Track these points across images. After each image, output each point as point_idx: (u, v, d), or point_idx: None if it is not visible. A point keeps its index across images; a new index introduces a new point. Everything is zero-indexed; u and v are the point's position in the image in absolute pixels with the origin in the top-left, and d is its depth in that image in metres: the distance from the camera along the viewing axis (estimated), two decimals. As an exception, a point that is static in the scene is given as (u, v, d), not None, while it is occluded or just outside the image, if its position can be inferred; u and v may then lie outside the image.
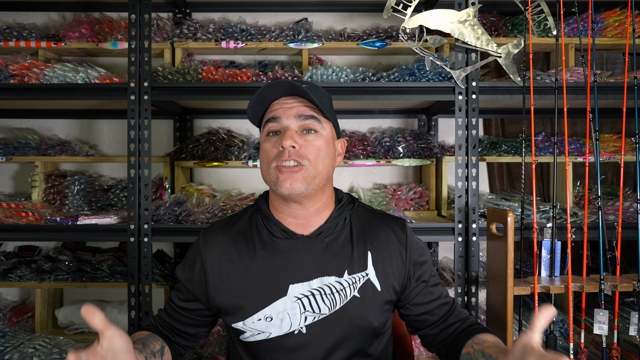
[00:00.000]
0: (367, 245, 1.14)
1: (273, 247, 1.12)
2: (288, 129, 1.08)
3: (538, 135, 2.36)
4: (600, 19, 2.21)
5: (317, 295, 1.08)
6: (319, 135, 1.10)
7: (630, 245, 2.07)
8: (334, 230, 1.14)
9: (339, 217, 1.15)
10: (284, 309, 1.07)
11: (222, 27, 2.27)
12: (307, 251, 1.11)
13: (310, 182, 1.08)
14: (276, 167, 1.07)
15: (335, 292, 1.09)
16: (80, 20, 2.27)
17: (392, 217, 1.21)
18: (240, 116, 2.50)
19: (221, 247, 1.14)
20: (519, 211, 2.00)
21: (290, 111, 1.10)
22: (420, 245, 1.20)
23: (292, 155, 1.06)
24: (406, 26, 1.85)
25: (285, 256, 1.11)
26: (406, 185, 2.38)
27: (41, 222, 1.98)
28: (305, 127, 1.10)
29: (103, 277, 2.17)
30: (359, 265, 1.12)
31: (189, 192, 2.22)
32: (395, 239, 1.16)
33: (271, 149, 1.09)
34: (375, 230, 1.16)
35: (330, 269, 1.10)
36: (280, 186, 1.06)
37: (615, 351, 1.65)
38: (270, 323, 1.06)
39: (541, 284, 1.69)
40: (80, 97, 1.94)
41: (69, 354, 0.82)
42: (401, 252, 1.15)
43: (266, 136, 1.12)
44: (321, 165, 1.10)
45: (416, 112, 2.50)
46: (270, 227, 1.14)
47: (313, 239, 1.12)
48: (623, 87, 1.83)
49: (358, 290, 1.10)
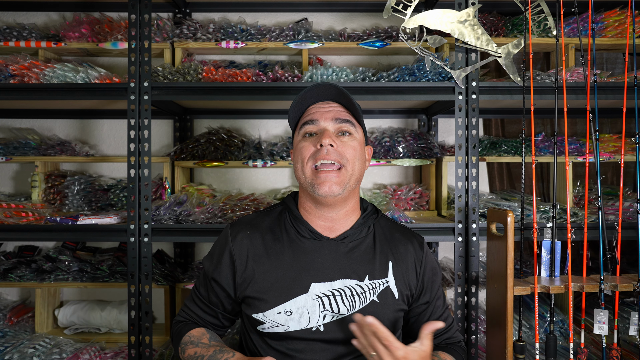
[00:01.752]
0: (389, 255, 1.20)
1: (299, 246, 1.17)
2: (326, 129, 1.14)
3: (538, 135, 2.36)
4: (600, 19, 2.20)
5: (337, 296, 1.13)
6: (353, 137, 1.17)
7: (630, 245, 2.07)
8: (358, 236, 1.20)
9: (364, 225, 1.21)
10: (304, 305, 1.12)
11: (222, 27, 2.27)
12: (331, 253, 1.16)
13: (346, 183, 1.14)
14: (313, 169, 1.13)
15: (355, 294, 1.13)
16: (80, 20, 2.27)
17: (412, 233, 1.28)
18: (240, 116, 2.50)
19: (250, 241, 1.19)
20: (519, 211, 2.00)
21: (328, 114, 1.16)
22: (434, 266, 1.26)
23: (330, 154, 1.12)
24: (406, 26, 1.85)
25: (310, 256, 1.15)
26: (406, 185, 2.38)
27: (41, 222, 1.97)
28: (341, 129, 1.17)
29: (103, 277, 2.17)
30: (380, 272, 1.17)
31: (189, 192, 2.22)
32: (413, 254, 1.23)
33: (308, 147, 1.15)
34: (397, 242, 1.22)
35: (352, 272, 1.15)
36: (317, 188, 1.12)
37: (615, 351, 1.64)
38: (289, 317, 1.11)
39: (541, 284, 1.69)
40: (80, 97, 1.94)
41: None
42: (417, 268, 1.22)
43: (302, 137, 1.18)
44: (357, 165, 1.16)
45: (416, 112, 2.50)
46: (298, 227, 1.19)
47: (338, 242, 1.17)
48: (623, 87, 1.83)
49: (377, 296, 1.15)
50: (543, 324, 2.08)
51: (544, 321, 2.08)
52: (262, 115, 2.50)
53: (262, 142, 2.34)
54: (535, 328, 1.70)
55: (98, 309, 2.29)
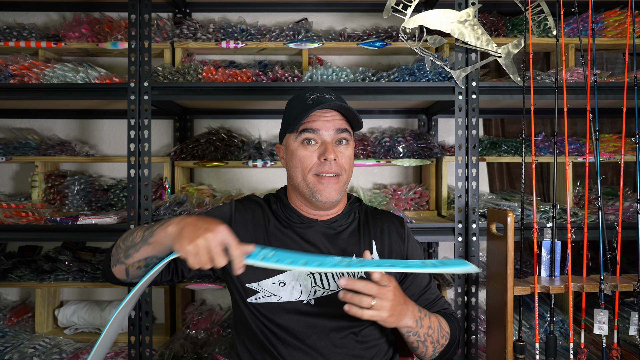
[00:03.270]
0: (372, 236, 1.27)
1: (292, 229, 1.24)
2: (328, 142, 1.19)
3: (538, 135, 2.36)
4: (600, 19, 2.21)
5: (328, 273, 1.19)
6: (349, 144, 1.23)
7: (630, 245, 2.07)
8: (345, 222, 1.27)
9: (350, 212, 1.29)
10: (297, 279, 1.17)
11: (222, 27, 2.27)
12: (321, 234, 1.23)
13: (343, 189, 1.22)
14: (315, 176, 1.19)
15: (345, 272, 1.18)
16: (80, 20, 2.27)
17: (392, 215, 1.36)
18: (240, 116, 2.50)
19: (252, 213, 1.25)
20: (519, 211, 2.00)
21: (329, 124, 1.19)
22: (415, 243, 1.33)
23: (332, 167, 1.18)
24: (406, 26, 1.85)
25: (302, 236, 1.23)
26: (406, 185, 2.38)
27: (41, 222, 1.97)
28: (340, 138, 1.21)
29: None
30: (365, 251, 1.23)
31: (189, 192, 2.22)
32: (395, 232, 1.30)
33: (310, 157, 1.19)
34: (378, 222, 1.30)
35: (340, 251, 1.22)
36: (318, 194, 1.18)
37: (615, 351, 1.64)
38: (282, 288, 1.17)
39: (541, 284, 1.69)
40: (80, 97, 1.94)
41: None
42: (400, 244, 1.29)
43: (301, 143, 1.20)
44: (350, 172, 1.24)
45: (416, 112, 2.50)
46: (287, 214, 1.25)
47: (328, 224, 1.25)
48: (623, 87, 1.83)
49: (365, 273, 1.19)
50: (543, 324, 2.08)
51: (544, 321, 2.08)
52: (262, 115, 2.50)
53: (262, 142, 2.34)
54: (535, 328, 1.70)
55: (98, 309, 2.29)
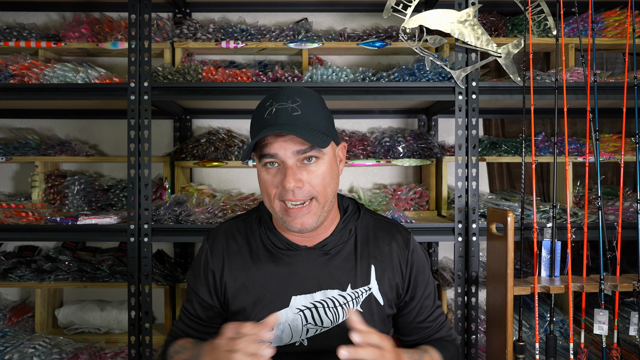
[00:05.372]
0: (371, 259, 1.11)
1: (276, 257, 1.10)
2: (288, 167, 0.99)
3: (538, 135, 2.36)
4: (600, 19, 2.20)
5: (319, 308, 1.07)
6: (321, 161, 1.02)
7: (630, 245, 2.07)
8: (339, 242, 1.11)
9: (345, 229, 1.12)
10: (286, 321, 1.06)
11: (222, 27, 2.27)
12: (310, 263, 1.09)
13: (320, 213, 1.03)
14: (283, 206, 1.01)
15: (338, 305, 1.08)
16: (80, 20, 2.27)
17: (398, 229, 1.17)
18: (240, 116, 2.50)
19: (227, 255, 1.12)
20: (519, 211, 2.00)
21: (287, 145, 0.98)
22: (421, 264, 1.17)
23: (297, 195, 0.99)
24: (406, 26, 1.85)
25: (288, 267, 1.09)
26: (406, 185, 2.38)
27: (41, 222, 1.97)
28: (306, 157, 1.00)
29: (103, 277, 2.17)
30: (362, 279, 1.10)
31: (189, 192, 2.22)
32: (398, 252, 1.13)
33: (271, 182, 1.02)
34: (380, 242, 1.13)
35: (334, 282, 1.08)
36: (289, 224, 1.02)
37: (615, 351, 1.64)
38: (269, 332, 1.05)
39: (541, 284, 1.69)
40: (80, 97, 1.94)
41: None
42: (402, 267, 1.13)
43: (263, 166, 1.03)
44: (329, 190, 1.04)
45: (416, 112, 2.50)
46: (272, 239, 1.11)
47: (317, 250, 1.10)
48: (623, 87, 1.83)
49: (361, 305, 1.09)
50: (543, 324, 2.08)
51: (544, 321, 2.08)
52: (262, 115, 2.50)
53: (262, 142, 2.34)
54: (535, 328, 1.70)
55: (98, 309, 2.29)
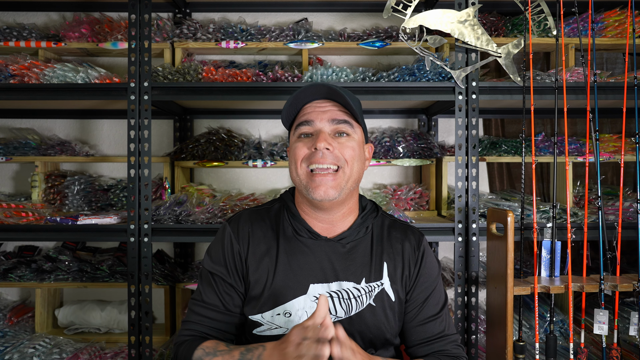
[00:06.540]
0: (384, 256, 1.16)
1: (297, 245, 1.14)
2: (321, 131, 1.08)
3: (538, 135, 2.36)
4: (600, 19, 2.20)
5: (335, 298, 1.10)
6: (351, 138, 1.11)
7: (630, 245, 2.07)
8: (356, 237, 1.16)
9: (362, 225, 1.17)
10: (303, 307, 1.10)
11: (222, 27, 2.27)
12: (328, 254, 1.13)
13: (343, 186, 1.09)
14: (308, 171, 1.09)
15: (352, 297, 1.11)
16: (80, 20, 2.27)
17: (412, 231, 1.21)
18: (240, 116, 2.50)
19: (252, 239, 1.15)
20: (519, 211, 2.00)
21: (324, 115, 1.10)
22: (432, 268, 1.19)
23: (326, 157, 1.07)
24: (406, 26, 1.85)
25: (307, 256, 1.13)
26: (406, 185, 2.38)
27: (41, 222, 1.97)
28: (338, 130, 1.11)
29: (103, 277, 2.17)
30: (376, 274, 1.14)
31: (189, 192, 2.22)
32: (410, 251, 1.18)
33: (302, 148, 1.09)
34: (393, 241, 1.18)
35: (350, 274, 1.12)
36: (312, 192, 1.07)
37: (615, 351, 1.64)
38: (288, 319, 1.09)
39: (541, 284, 1.69)
40: (80, 97, 1.94)
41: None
42: (411, 267, 1.17)
43: (297, 138, 1.12)
44: (355, 166, 1.11)
45: (416, 112, 2.50)
46: (295, 226, 1.15)
47: (335, 242, 1.14)
48: (623, 87, 1.83)
49: (374, 299, 1.13)
50: (543, 324, 2.08)
51: (544, 321, 2.08)
52: (262, 115, 2.50)
53: (262, 142, 2.34)
54: (535, 328, 1.70)
55: (98, 309, 2.29)
